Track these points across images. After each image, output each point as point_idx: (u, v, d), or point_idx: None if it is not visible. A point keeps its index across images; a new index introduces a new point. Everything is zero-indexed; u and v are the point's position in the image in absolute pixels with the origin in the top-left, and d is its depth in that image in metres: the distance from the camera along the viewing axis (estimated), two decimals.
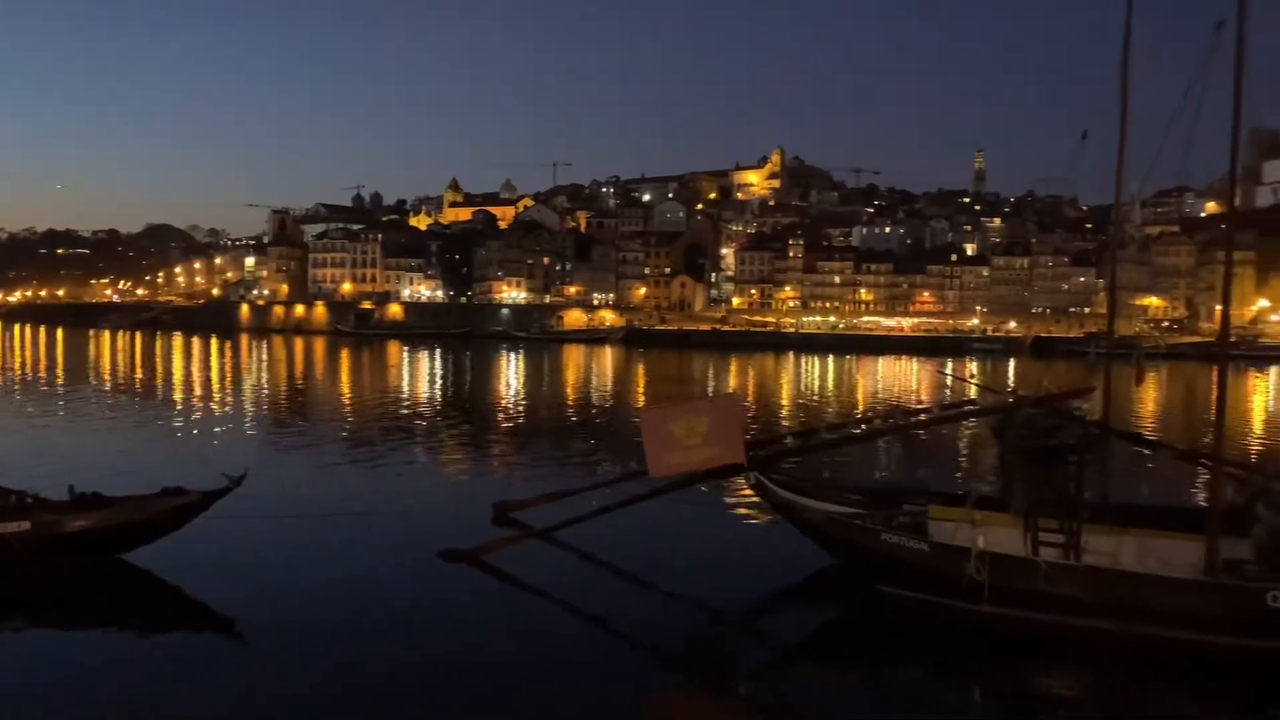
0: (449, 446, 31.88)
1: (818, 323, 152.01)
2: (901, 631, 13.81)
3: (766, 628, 15.03)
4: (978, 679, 12.69)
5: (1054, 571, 13.33)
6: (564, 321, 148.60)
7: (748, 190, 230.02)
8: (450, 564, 16.59)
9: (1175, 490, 20.24)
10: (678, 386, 61.60)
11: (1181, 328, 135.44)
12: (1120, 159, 16.67)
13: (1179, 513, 16.19)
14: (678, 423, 16.11)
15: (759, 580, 16.43)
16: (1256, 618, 12.52)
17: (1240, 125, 14.01)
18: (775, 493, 16.09)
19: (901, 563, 14.29)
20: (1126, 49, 16.83)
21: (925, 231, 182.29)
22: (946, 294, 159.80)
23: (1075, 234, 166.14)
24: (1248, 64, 13.71)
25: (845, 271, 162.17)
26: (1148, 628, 12.73)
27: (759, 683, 12.79)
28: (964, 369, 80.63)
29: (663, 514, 18.72)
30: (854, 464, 26.08)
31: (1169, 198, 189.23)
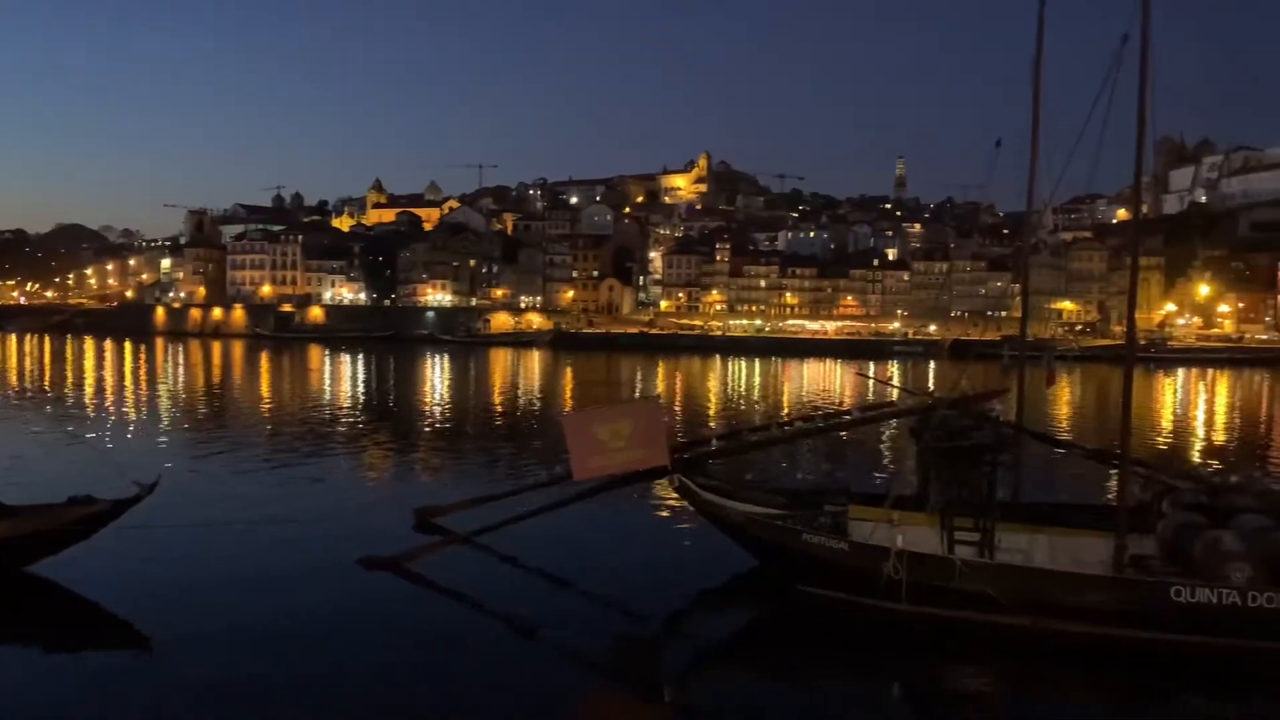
0: (371, 452, 31.38)
1: (744, 326, 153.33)
2: (822, 630, 13.98)
3: (690, 629, 15.07)
4: (896, 676, 12.90)
5: (969, 569, 13.61)
6: (491, 325, 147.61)
7: (675, 194, 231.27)
8: (371, 571, 16.32)
9: (1085, 489, 20.85)
10: (606, 389, 61.57)
11: (1094, 331, 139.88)
12: (1032, 167, 17.14)
13: (1089, 511, 16.67)
14: (601, 426, 16.07)
15: (682, 582, 16.47)
16: (1161, 612, 12.93)
17: (1146, 134, 14.42)
18: (698, 495, 16.15)
19: (822, 562, 14.44)
20: (1038, 61, 17.31)
21: (848, 236, 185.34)
22: (869, 298, 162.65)
23: (992, 239, 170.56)
24: (1152, 75, 14.15)
25: (771, 275, 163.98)
26: (1059, 623, 13.08)
27: (682, 683, 12.83)
28: (885, 371, 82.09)
29: (587, 517, 18.68)
30: (777, 465, 26.36)
31: (1082, 204, 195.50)
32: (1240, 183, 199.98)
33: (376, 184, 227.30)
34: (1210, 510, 15.06)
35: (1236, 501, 15.45)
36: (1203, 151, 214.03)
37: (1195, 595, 12.81)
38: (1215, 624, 12.67)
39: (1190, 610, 12.80)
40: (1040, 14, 17.18)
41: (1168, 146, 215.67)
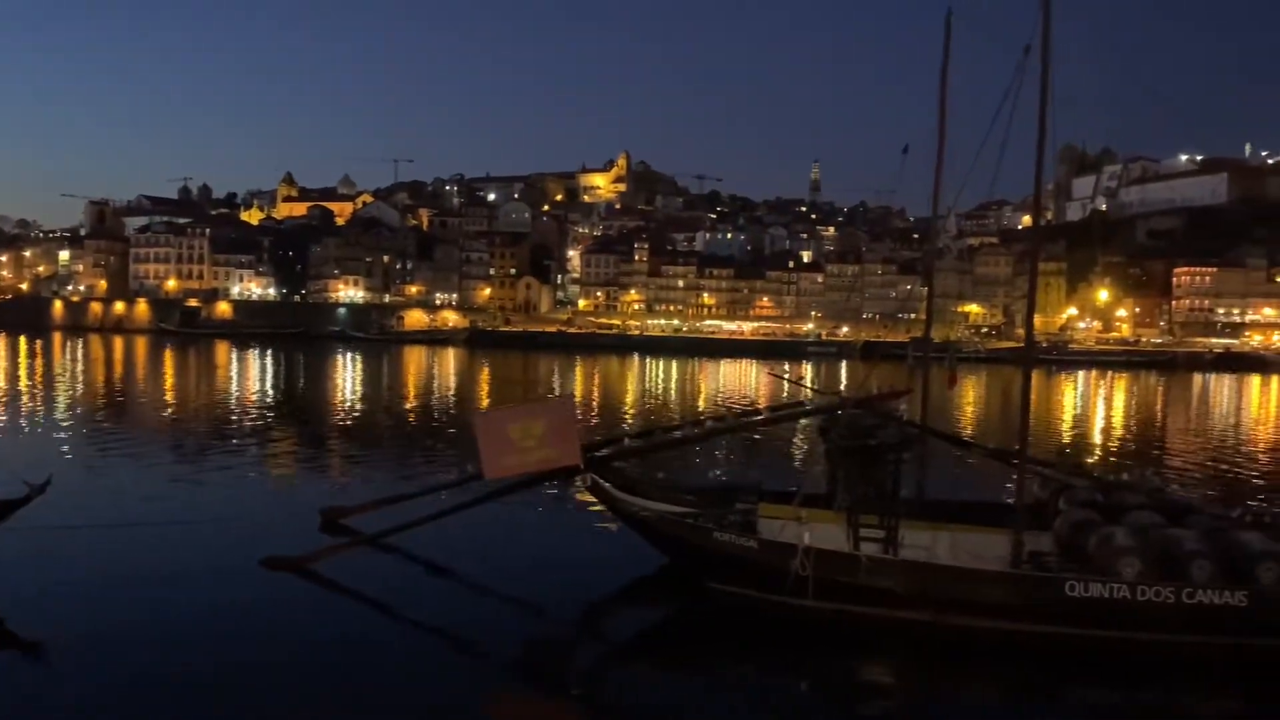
0: (277, 451, 30.65)
1: (662, 326, 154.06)
2: (732, 627, 14.12)
3: (601, 627, 15.09)
4: (802, 671, 13.09)
5: (874, 566, 13.88)
6: (405, 322, 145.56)
7: (594, 193, 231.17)
8: (274, 573, 15.92)
9: (986, 487, 21.45)
10: (522, 389, 61.24)
11: (999, 333, 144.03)
12: (937, 174, 17.56)
13: (989, 508, 17.13)
14: (513, 425, 15.97)
15: (594, 580, 16.46)
16: (1057, 606, 13.36)
17: (1046, 143, 14.87)
18: (610, 494, 16.16)
19: (732, 560, 14.58)
20: (944, 71, 17.73)
21: (765, 238, 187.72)
22: (784, 299, 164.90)
23: (903, 243, 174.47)
24: (1052, 86, 14.60)
25: (689, 276, 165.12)
26: (961, 617, 13.44)
27: (593, 681, 12.83)
28: (800, 372, 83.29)
29: (498, 517, 18.55)
30: (690, 464, 26.53)
31: (989, 210, 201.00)
32: (1138, 192, 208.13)
33: (287, 177, 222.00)
34: (1104, 507, 15.63)
35: (1128, 499, 16.07)
36: (1104, 161, 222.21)
37: (1089, 589, 13.26)
38: (1107, 617, 13.14)
39: (1084, 604, 13.25)
40: (947, 25, 17.61)
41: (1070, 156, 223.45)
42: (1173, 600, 13.00)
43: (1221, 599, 12.91)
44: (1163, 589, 13.07)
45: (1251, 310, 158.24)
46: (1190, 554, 13.40)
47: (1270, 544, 13.76)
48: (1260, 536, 14.10)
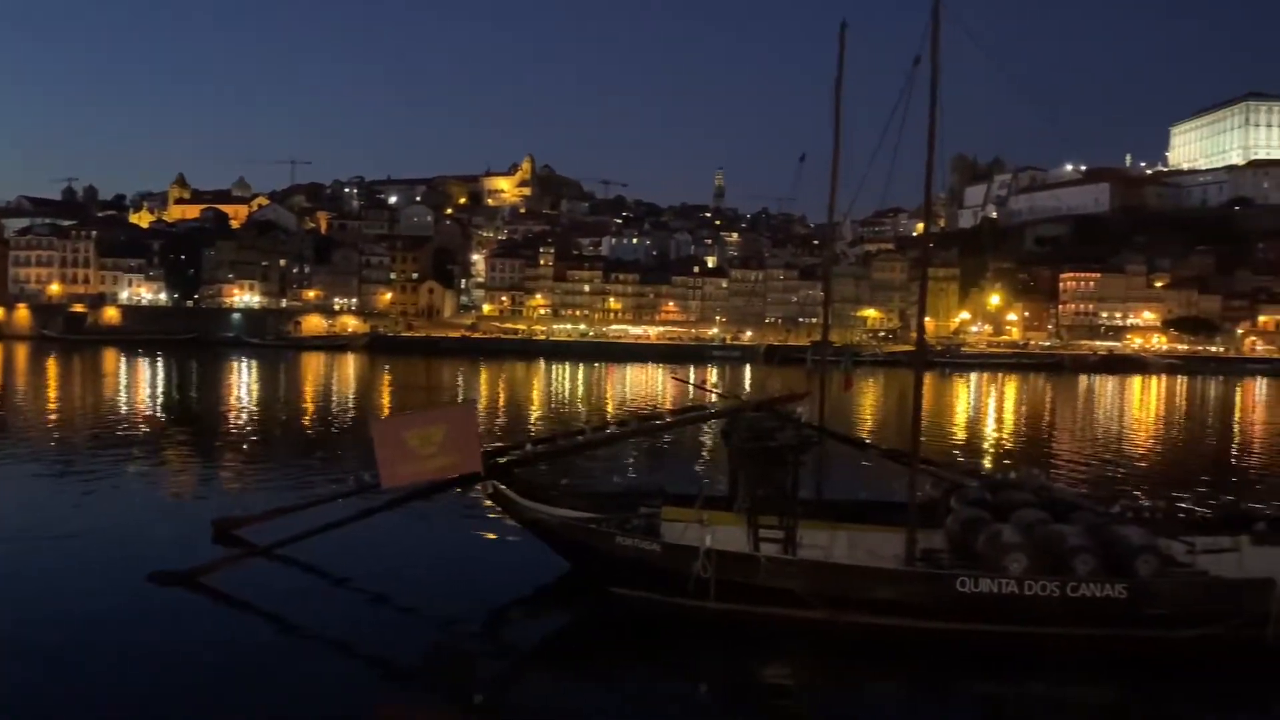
0: (168, 462, 29.59)
1: (568, 330, 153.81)
2: (634, 631, 14.16)
3: (504, 635, 14.95)
4: (703, 673, 13.18)
5: (773, 566, 14.07)
6: (302, 328, 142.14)
7: (499, 196, 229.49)
8: (163, 587, 15.35)
9: (882, 487, 21.93)
10: (425, 395, 60.35)
11: (896, 337, 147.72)
12: (833, 182, 17.92)
13: (884, 508, 17.52)
14: (412, 432, 15.73)
15: (497, 588, 16.31)
16: (948, 602, 13.73)
17: (936, 152, 15.28)
18: (513, 500, 16.04)
19: (635, 564, 14.61)
20: (839, 81, 18.11)
21: (670, 244, 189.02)
22: (689, 304, 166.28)
23: (804, 249, 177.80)
24: (941, 97, 15.01)
25: (595, 280, 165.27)
26: (857, 615, 13.71)
27: (495, 689, 12.69)
28: (704, 375, 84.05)
29: (397, 526, 18.23)
30: (594, 469, 26.52)
31: (885, 217, 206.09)
32: (1027, 200, 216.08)
33: (179, 178, 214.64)
34: (993, 506, 16.13)
35: (1015, 497, 16.62)
36: (994, 170, 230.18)
37: (978, 585, 13.67)
38: (995, 612, 13.56)
39: (974, 600, 13.64)
40: (841, 36, 18.00)
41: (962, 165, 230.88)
42: (1058, 594, 13.49)
43: (1103, 592, 13.44)
44: (1048, 583, 13.54)
45: (1132, 314, 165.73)
46: (1073, 549, 13.93)
47: (1148, 538, 14.40)
48: (1139, 531, 14.74)
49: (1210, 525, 17.07)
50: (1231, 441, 44.18)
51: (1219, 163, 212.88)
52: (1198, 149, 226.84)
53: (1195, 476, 31.04)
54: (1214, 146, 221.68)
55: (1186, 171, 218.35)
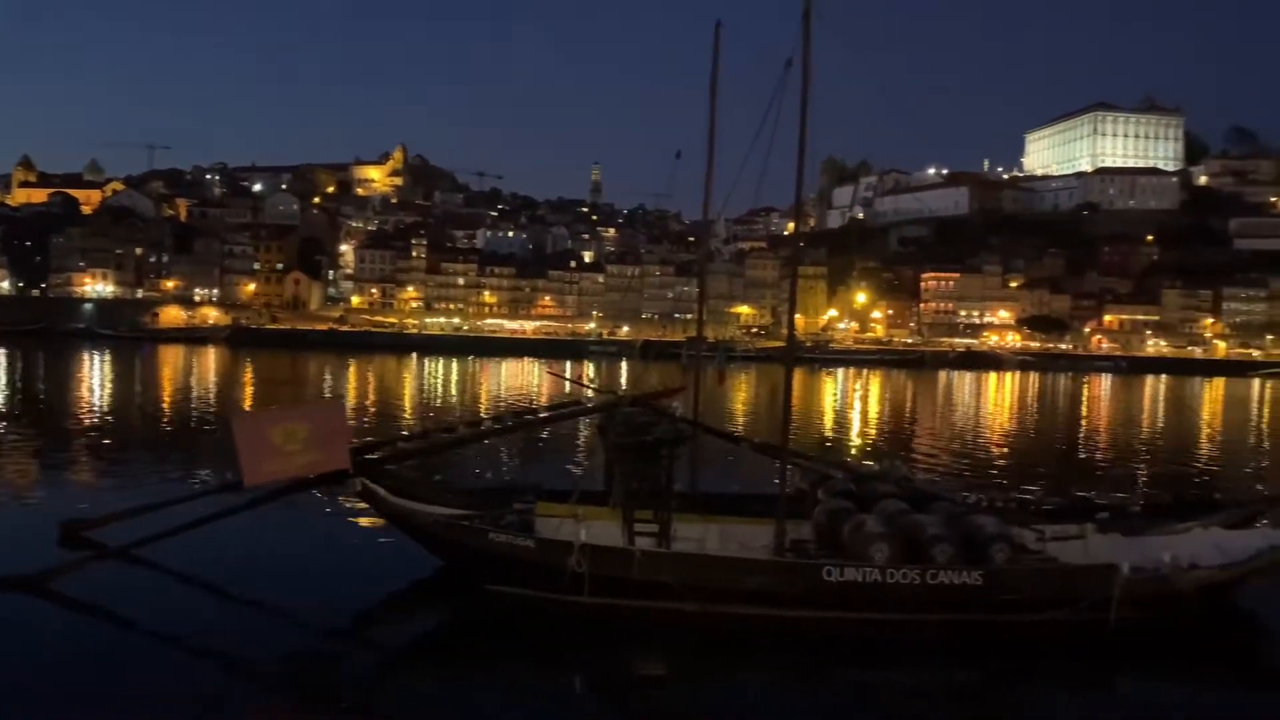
0: (11, 460, 27.80)
1: (441, 324, 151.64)
2: (508, 629, 14.03)
3: (373, 636, 14.59)
4: (576, 668, 13.17)
5: (647, 559, 14.15)
6: (160, 319, 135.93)
7: (369, 186, 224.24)
8: (5, 593, 14.42)
9: (754, 479, 22.35)
10: (290, 390, 58.49)
11: (768, 333, 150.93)
12: (708, 180, 18.14)
13: (756, 500, 17.84)
14: (276, 427, 15.19)
15: (365, 588, 15.90)
16: (815, 591, 14.09)
17: (806, 154, 15.61)
18: (383, 498, 15.67)
19: (509, 560, 14.48)
20: (714, 80, 18.32)
21: (547, 237, 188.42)
22: (566, 299, 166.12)
23: (680, 246, 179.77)
24: (812, 99, 15.35)
25: (469, 273, 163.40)
26: (729, 606, 13.93)
27: (365, 692, 12.35)
28: (580, 370, 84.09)
29: (260, 525, 17.57)
30: (468, 466, 26.18)
31: (758, 216, 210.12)
32: (891, 202, 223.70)
33: (25, 160, 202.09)
34: (858, 497, 16.63)
35: (879, 488, 17.16)
36: (861, 172, 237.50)
37: (844, 574, 14.06)
38: (861, 600, 13.98)
39: (840, 588, 14.03)
40: (716, 36, 18.21)
41: (831, 166, 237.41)
42: (918, 581, 13.99)
43: (960, 579, 14.01)
44: (909, 571, 14.04)
45: (989, 313, 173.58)
46: (933, 538, 14.48)
47: (1003, 527, 15.08)
48: (994, 520, 15.42)
49: (1058, 514, 18.02)
50: (1078, 435, 46.75)
51: (1069, 169, 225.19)
52: (1050, 156, 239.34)
53: (1045, 468, 32.72)
54: (1065, 154, 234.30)
55: (1040, 177, 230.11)
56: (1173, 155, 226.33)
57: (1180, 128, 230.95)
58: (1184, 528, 16.84)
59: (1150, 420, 58.80)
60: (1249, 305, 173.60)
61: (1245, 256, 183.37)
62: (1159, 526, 17.05)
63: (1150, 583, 14.10)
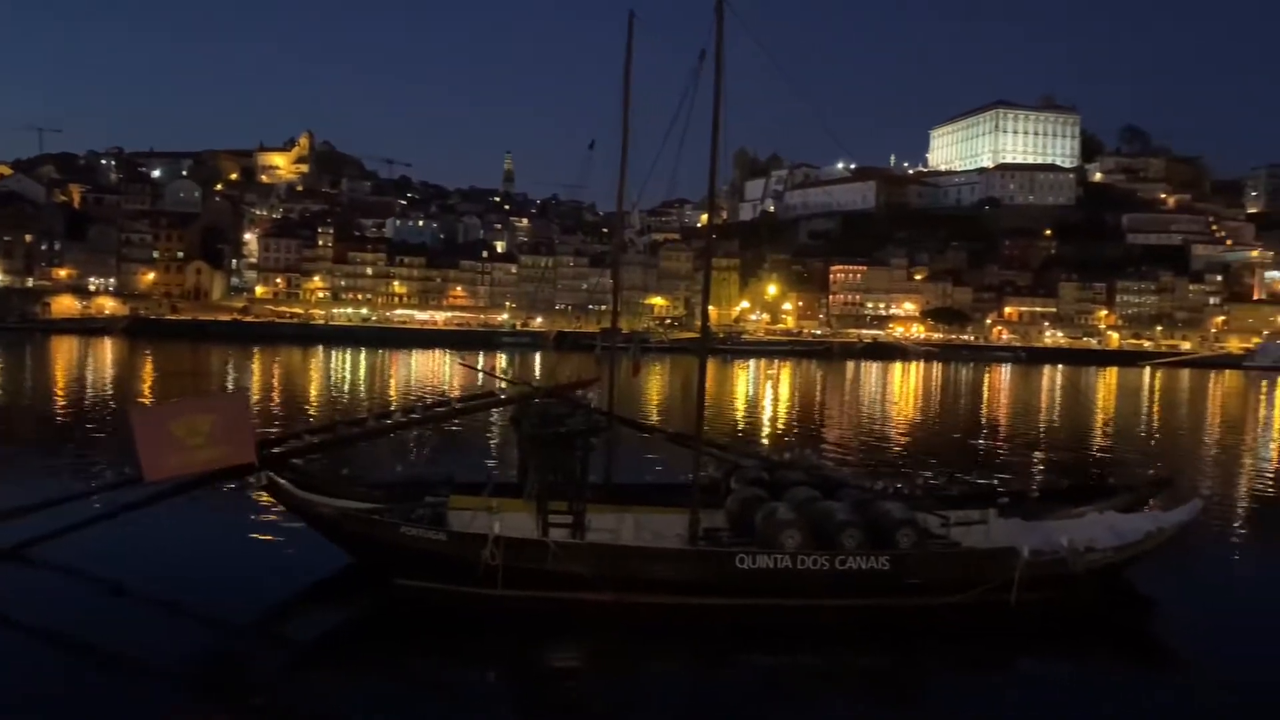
0: None
1: (349, 315, 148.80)
2: (421, 623, 13.88)
3: (282, 633, 14.25)
4: (491, 661, 13.08)
5: (562, 551, 14.14)
6: (52, 309, 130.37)
7: (273, 173, 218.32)
8: None
9: (668, 469, 22.53)
10: (192, 382, 56.71)
11: (681, 325, 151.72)
12: (622, 171, 18.13)
13: (670, 489, 17.98)
14: (177, 421, 14.72)
15: (273, 585, 15.53)
16: (729, 578, 14.26)
17: (719, 146, 15.71)
18: (290, 492, 15.30)
19: (421, 555, 14.31)
20: (627, 70, 18.30)
21: (458, 227, 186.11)
22: (478, 289, 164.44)
23: (593, 237, 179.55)
24: (725, 91, 15.44)
25: (378, 263, 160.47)
26: (644, 595, 14.01)
27: (274, 690, 12.07)
28: (493, 362, 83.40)
29: (162, 522, 17.03)
30: (379, 459, 25.76)
31: (671, 208, 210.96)
32: (801, 195, 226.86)
33: None
34: (769, 485, 16.86)
35: (790, 476, 17.45)
36: (772, 166, 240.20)
37: (756, 562, 14.26)
38: (773, 586, 14.20)
39: (752, 575, 14.23)
40: (630, 26, 18.19)
41: (743, 159, 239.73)
42: (828, 567, 14.27)
43: (868, 564, 14.34)
44: (819, 558, 14.31)
45: (895, 305, 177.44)
46: (841, 524, 14.78)
47: (908, 513, 15.47)
48: (900, 506, 15.81)
49: (962, 500, 18.57)
50: (980, 423, 48.16)
51: (972, 165, 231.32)
52: (954, 152, 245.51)
53: (949, 455, 33.63)
54: (968, 150, 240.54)
55: (944, 172, 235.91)
56: (1069, 153, 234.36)
57: (1077, 126, 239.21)
58: (1080, 512, 17.52)
59: (1048, 409, 60.93)
60: (1140, 298, 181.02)
61: (1137, 251, 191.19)
62: (1057, 511, 17.71)
63: (1049, 565, 14.62)
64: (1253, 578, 18.21)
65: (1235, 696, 12.03)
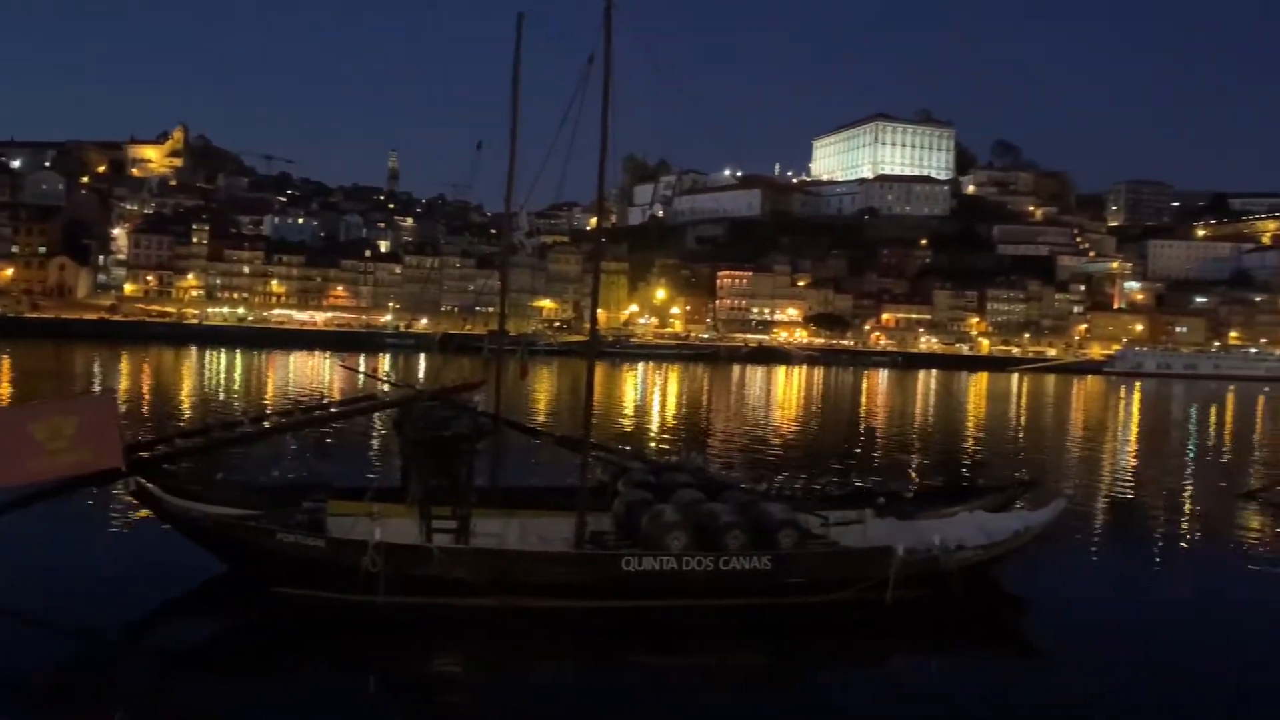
0: None
1: (225, 314, 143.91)
2: (299, 632, 13.51)
3: (152, 644, 13.66)
4: (372, 668, 12.82)
5: (446, 556, 13.96)
6: None
7: (145, 167, 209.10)
8: None
9: (556, 473, 22.43)
10: (54, 383, 53.89)
11: (570, 328, 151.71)
12: (510, 172, 18.02)
13: (557, 493, 17.91)
14: (39, 423, 13.98)
15: (142, 595, 14.86)
16: (615, 581, 14.32)
17: (608, 149, 15.77)
18: (159, 498, 14.70)
19: (299, 561, 13.94)
20: (516, 71, 18.20)
21: (340, 225, 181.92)
22: (361, 289, 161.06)
23: (480, 238, 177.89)
24: (613, 96, 15.52)
25: (256, 261, 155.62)
26: (530, 600, 13.95)
27: (143, 703, 11.56)
28: (376, 364, 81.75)
29: (22, 530, 16.07)
30: (255, 464, 24.94)
31: (561, 210, 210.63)
32: (689, 201, 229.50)
33: None
34: (656, 487, 16.99)
35: (676, 478, 17.59)
36: (660, 171, 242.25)
37: (642, 564, 14.36)
38: (659, 588, 14.32)
39: (639, 577, 14.32)
40: (519, 27, 18.10)
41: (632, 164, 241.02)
42: (712, 568, 14.48)
43: (751, 564, 14.59)
44: (704, 559, 14.49)
45: (779, 310, 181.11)
46: (725, 526, 15.00)
47: (790, 513, 15.81)
48: (782, 507, 16.15)
49: (841, 500, 19.08)
50: (859, 426, 49.56)
51: (852, 175, 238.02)
52: (836, 162, 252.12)
53: (829, 457, 34.50)
54: (849, 161, 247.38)
55: (826, 182, 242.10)
56: (945, 166, 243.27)
57: (952, 139, 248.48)
58: (951, 511, 18.19)
59: (922, 412, 63.07)
60: (1009, 306, 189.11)
61: (1007, 261, 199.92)
62: (930, 511, 18.35)
63: (922, 563, 15.15)
64: (1111, 573, 19.22)
65: (1095, 685, 12.67)
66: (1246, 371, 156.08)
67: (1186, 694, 12.51)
